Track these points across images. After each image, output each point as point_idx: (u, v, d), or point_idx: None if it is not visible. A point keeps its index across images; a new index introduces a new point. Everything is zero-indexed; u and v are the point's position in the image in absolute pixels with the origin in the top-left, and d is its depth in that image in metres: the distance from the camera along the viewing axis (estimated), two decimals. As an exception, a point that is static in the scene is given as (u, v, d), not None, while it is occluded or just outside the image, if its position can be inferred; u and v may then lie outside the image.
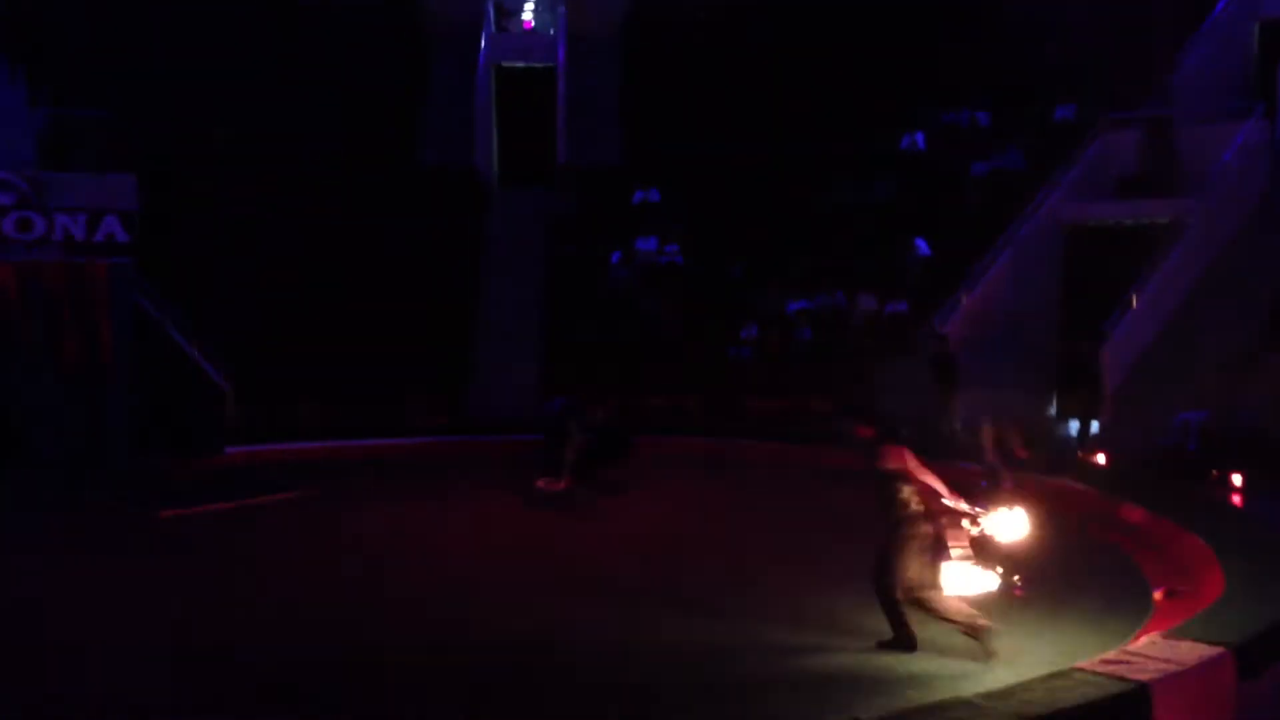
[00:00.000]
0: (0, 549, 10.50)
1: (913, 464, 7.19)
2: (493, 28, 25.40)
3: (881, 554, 7.16)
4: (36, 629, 8.07)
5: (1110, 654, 6.26)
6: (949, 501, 7.25)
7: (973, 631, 7.05)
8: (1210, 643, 6.21)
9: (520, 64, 25.33)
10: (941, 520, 7.22)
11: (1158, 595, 8.62)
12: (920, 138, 21.64)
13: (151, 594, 9.01)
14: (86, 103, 16.23)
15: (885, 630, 7.26)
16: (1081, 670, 5.92)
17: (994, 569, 7.31)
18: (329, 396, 17.75)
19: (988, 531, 7.33)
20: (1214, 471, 13.20)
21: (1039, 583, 8.67)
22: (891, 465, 7.15)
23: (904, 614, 7.18)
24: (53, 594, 9.01)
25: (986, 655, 6.97)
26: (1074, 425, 16.21)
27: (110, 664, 7.25)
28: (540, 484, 12.29)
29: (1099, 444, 15.19)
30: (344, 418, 17.54)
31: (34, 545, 10.70)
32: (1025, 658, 7.04)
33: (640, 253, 20.97)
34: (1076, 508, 11.72)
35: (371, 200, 20.92)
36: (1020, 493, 9.65)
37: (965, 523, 7.27)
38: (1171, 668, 5.84)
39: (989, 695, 5.67)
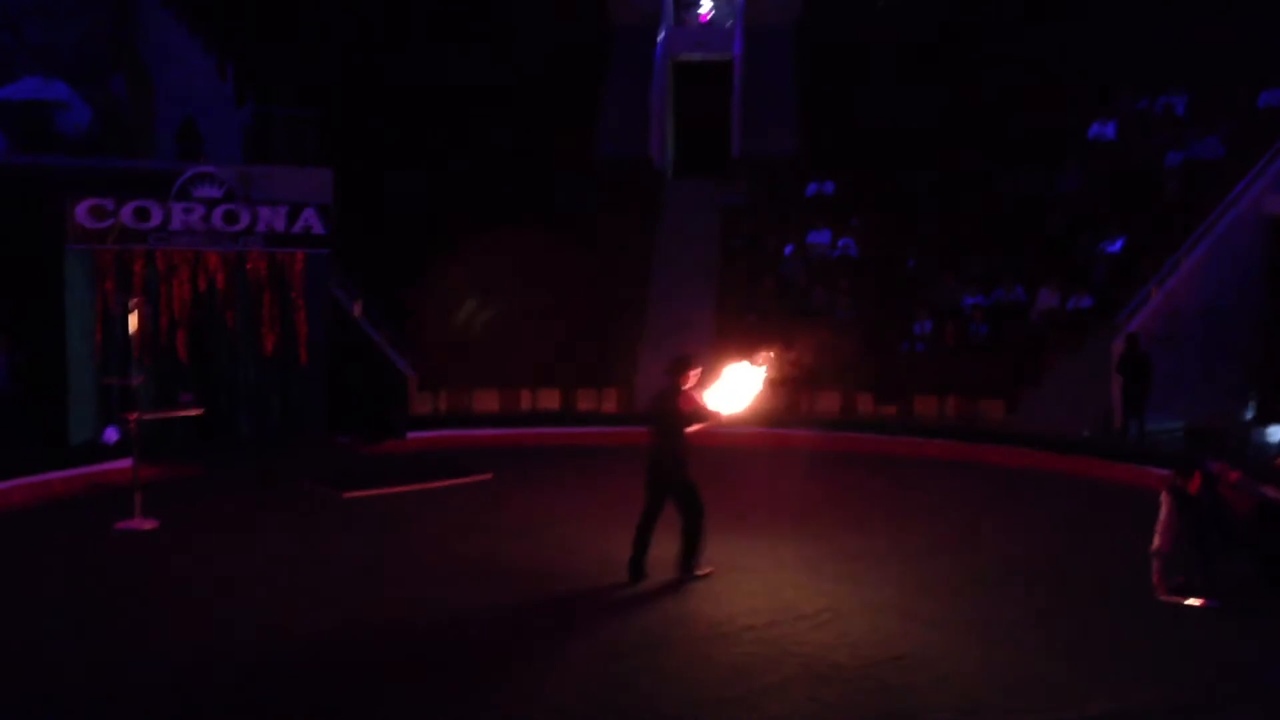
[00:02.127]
0: (196, 523, 11.23)
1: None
2: (671, 21, 25.61)
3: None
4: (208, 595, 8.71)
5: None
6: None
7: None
8: None
9: (697, 57, 25.46)
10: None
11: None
12: (1111, 126, 20.69)
13: (333, 568, 9.54)
14: (288, 100, 17.07)
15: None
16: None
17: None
18: (504, 385, 18.33)
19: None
20: None
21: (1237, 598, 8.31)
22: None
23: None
24: (235, 567, 9.60)
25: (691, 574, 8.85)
26: (1275, 430, 15.30)
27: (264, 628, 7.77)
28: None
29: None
30: (517, 406, 18.17)
31: (228, 522, 11.36)
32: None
33: (813, 245, 20.78)
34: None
35: (549, 190, 21.38)
36: None
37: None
38: None
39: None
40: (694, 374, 9.02)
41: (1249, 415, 16.12)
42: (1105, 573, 9.33)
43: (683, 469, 8.94)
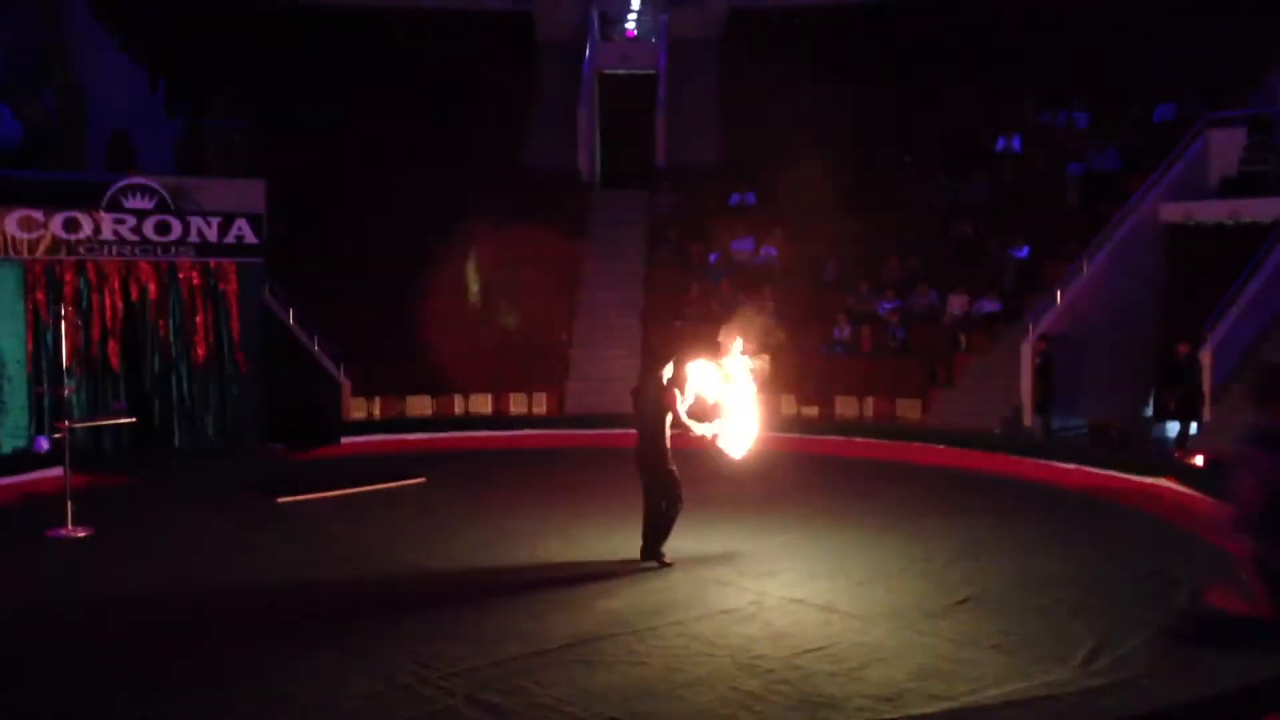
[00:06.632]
0: (129, 530, 11.27)
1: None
2: (597, 36, 26.06)
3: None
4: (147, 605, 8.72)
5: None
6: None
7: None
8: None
9: (622, 71, 25.94)
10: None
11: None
12: (1016, 139, 21.61)
13: (264, 572, 9.62)
14: (219, 113, 17.16)
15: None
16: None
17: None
18: (436, 390, 18.64)
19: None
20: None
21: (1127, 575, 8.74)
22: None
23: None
24: (166, 572, 9.63)
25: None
26: (1172, 426, 16.13)
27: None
28: None
29: (1198, 445, 15.11)
30: (450, 410, 18.50)
31: (160, 528, 11.38)
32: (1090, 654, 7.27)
33: (737, 253, 21.36)
34: (1172, 508, 11.72)
35: (479, 202, 21.68)
36: None
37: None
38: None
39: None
40: (672, 367, 9.47)
41: (1148, 412, 16.98)
42: (1023, 563, 9.58)
43: (664, 459, 9.37)
